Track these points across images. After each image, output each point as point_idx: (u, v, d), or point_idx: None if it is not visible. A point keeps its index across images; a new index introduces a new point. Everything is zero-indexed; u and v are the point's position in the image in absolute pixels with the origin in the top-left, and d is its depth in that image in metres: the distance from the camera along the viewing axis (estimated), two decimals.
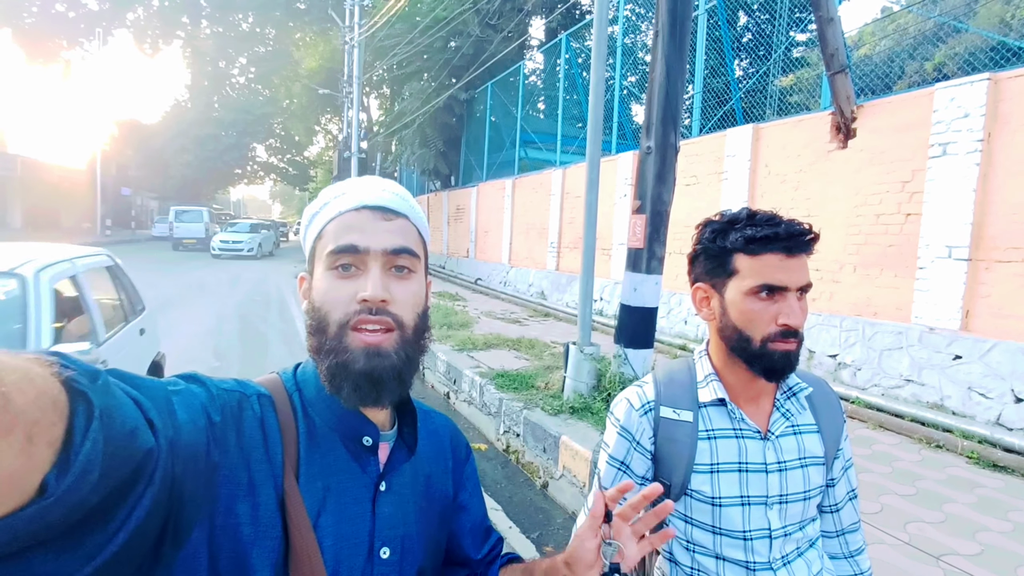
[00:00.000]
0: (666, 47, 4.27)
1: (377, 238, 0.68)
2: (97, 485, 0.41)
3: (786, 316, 0.94)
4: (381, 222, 0.69)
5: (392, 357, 0.66)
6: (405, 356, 0.67)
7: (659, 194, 4.36)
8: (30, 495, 0.38)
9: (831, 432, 1.08)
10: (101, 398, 0.43)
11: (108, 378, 0.47)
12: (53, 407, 0.39)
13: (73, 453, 0.40)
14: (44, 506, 0.38)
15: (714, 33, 8.93)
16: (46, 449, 0.38)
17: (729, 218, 1.02)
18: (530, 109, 16.04)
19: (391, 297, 0.66)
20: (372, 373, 0.65)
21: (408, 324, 0.68)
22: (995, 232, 4.60)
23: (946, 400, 4.71)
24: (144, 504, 0.47)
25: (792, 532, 1.03)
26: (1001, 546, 2.82)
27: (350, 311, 0.66)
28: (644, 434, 1.06)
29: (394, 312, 0.67)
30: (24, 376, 0.37)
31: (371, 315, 0.65)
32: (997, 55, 5.46)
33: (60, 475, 0.39)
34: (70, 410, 0.41)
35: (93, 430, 0.41)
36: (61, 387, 0.40)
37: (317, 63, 28.78)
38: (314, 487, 0.66)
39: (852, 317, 5.68)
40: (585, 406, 4.43)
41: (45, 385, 0.39)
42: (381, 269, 0.67)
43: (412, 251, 0.70)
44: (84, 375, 0.43)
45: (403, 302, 0.68)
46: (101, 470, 0.41)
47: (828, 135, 6.00)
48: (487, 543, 0.88)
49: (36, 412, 0.37)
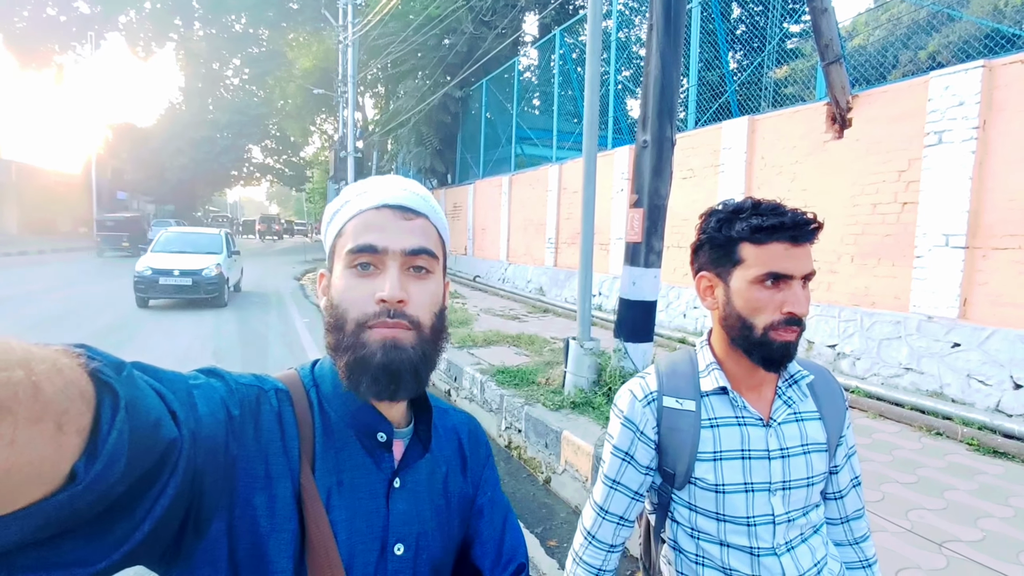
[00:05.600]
0: (660, 41, 4.27)
1: (396, 238, 0.68)
2: (124, 474, 0.42)
3: (791, 304, 0.95)
4: (401, 221, 0.69)
5: (409, 351, 0.66)
6: (422, 353, 0.68)
7: (656, 188, 4.36)
8: (60, 482, 0.39)
9: (833, 419, 1.09)
10: (126, 389, 0.44)
11: (132, 370, 0.48)
12: (81, 397, 0.40)
13: (101, 442, 0.41)
14: (74, 493, 0.39)
15: (708, 26, 8.93)
16: (75, 437, 0.39)
17: (734, 207, 1.02)
18: (525, 105, 16.04)
19: (408, 297, 0.67)
20: (390, 366, 0.65)
21: (425, 324, 0.68)
22: (992, 220, 4.61)
23: (945, 388, 4.73)
24: (168, 493, 0.48)
25: (796, 518, 1.03)
26: (1002, 532, 2.83)
27: (368, 312, 0.66)
28: (648, 424, 1.07)
29: (411, 313, 0.67)
30: (53, 366, 0.38)
31: (389, 317, 0.66)
32: (991, 42, 5.47)
33: (89, 463, 0.40)
34: (97, 400, 0.42)
35: (119, 420, 0.42)
36: (88, 378, 0.42)
37: (311, 63, 28.69)
38: (328, 481, 0.66)
39: (850, 307, 5.70)
40: (586, 401, 4.44)
41: (73, 375, 0.40)
42: (399, 269, 0.67)
43: (431, 251, 0.70)
44: (109, 367, 0.44)
45: (420, 303, 0.68)
46: (127, 459, 0.42)
47: (824, 126, 6.00)
48: (508, 567, 0.81)
49: (65, 401, 0.38)
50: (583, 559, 1.14)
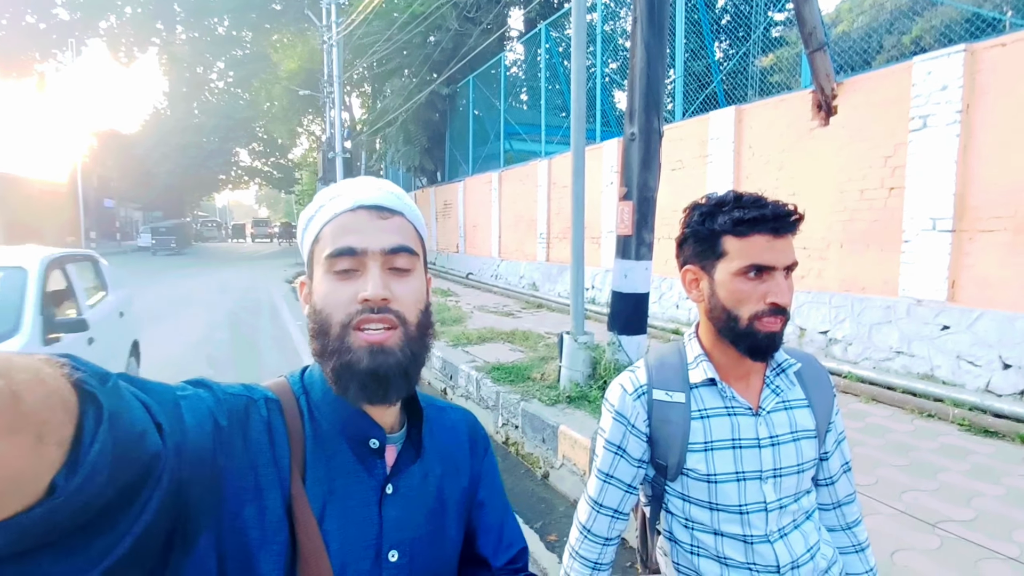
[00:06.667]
0: (645, 33, 4.27)
1: (375, 238, 0.67)
2: (105, 486, 0.42)
3: (774, 295, 0.97)
4: (378, 221, 0.69)
5: (397, 354, 0.66)
6: (410, 353, 0.67)
7: (645, 180, 4.37)
8: (39, 495, 0.38)
9: (821, 406, 1.10)
10: (110, 400, 0.43)
11: (118, 381, 0.47)
12: (63, 407, 0.39)
13: (82, 454, 0.40)
14: (53, 506, 0.38)
15: (693, 16, 8.93)
16: (55, 449, 0.39)
17: (716, 201, 1.03)
18: (513, 101, 16.01)
19: (392, 295, 0.66)
20: (378, 371, 0.65)
21: (411, 321, 0.68)
22: (977, 203, 4.65)
23: (936, 370, 4.78)
24: (151, 507, 0.47)
25: (787, 505, 1.05)
26: (995, 511, 2.87)
27: (352, 311, 0.65)
28: (639, 417, 1.08)
29: (396, 309, 0.67)
30: (35, 376, 0.38)
31: (373, 314, 0.65)
32: (972, 27, 5.50)
33: (69, 475, 0.39)
34: (79, 411, 0.41)
35: (102, 431, 0.41)
36: (71, 388, 0.41)
37: (296, 64, 28.48)
38: (320, 490, 0.66)
39: (841, 293, 5.74)
40: (582, 395, 4.46)
41: (55, 385, 0.39)
42: (380, 268, 0.67)
43: (411, 249, 0.70)
44: (94, 377, 0.44)
45: (404, 300, 0.68)
46: (109, 471, 0.42)
47: (810, 114, 6.03)
48: (509, 550, 0.85)
49: (46, 412, 0.38)
50: (579, 553, 1.15)
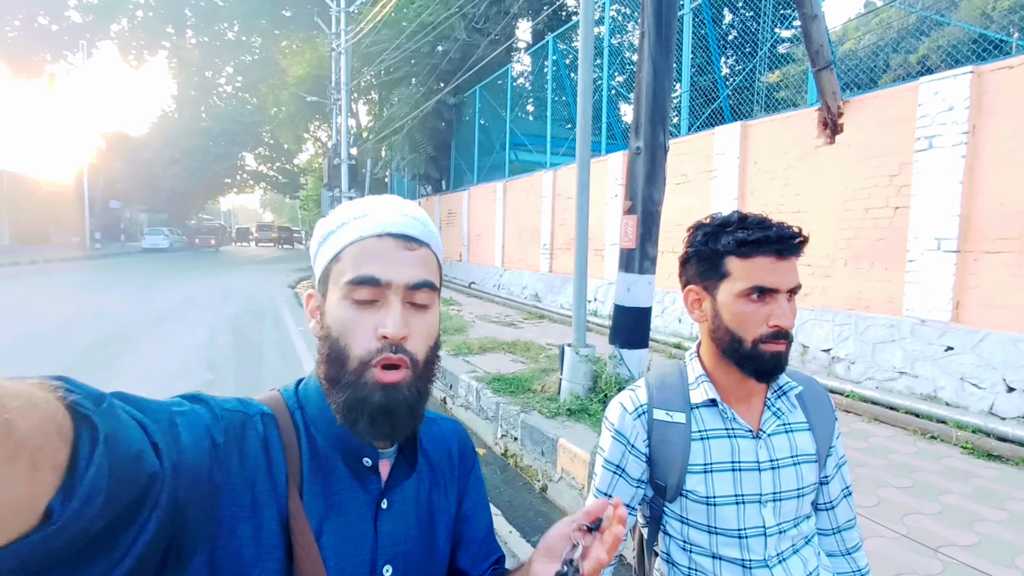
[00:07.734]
0: (652, 47, 4.29)
1: (399, 271, 0.67)
2: (102, 510, 0.41)
3: (777, 317, 0.96)
4: (404, 252, 0.68)
5: (405, 392, 0.66)
6: (417, 391, 0.68)
7: (650, 194, 4.37)
8: (35, 521, 0.38)
9: (822, 430, 1.09)
10: (106, 422, 0.43)
11: (113, 401, 0.47)
12: (57, 432, 0.39)
13: (78, 478, 0.39)
14: (49, 532, 0.38)
15: (700, 31, 8.98)
16: (51, 475, 0.38)
17: (720, 221, 1.02)
18: (519, 111, 16.07)
19: (409, 332, 0.67)
20: (388, 406, 0.65)
21: (420, 360, 0.68)
22: (983, 223, 4.64)
23: (939, 391, 4.75)
24: (150, 528, 0.47)
25: (787, 529, 1.03)
26: (998, 536, 2.84)
27: (372, 348, 0.65)
28: (638, 437, 1.07)
29: (410, 349, 0.67)
30: (28, 402, 0.37)
31: (392, 353, 0.65)
32: (979, 48, 5.52)
33: (65, 501, 0.39)
34: (74, 435, 0.40)
35: (98, 455, 0.41)
36: (65, 411, 0.40)
37: (304, 70, 28.73)
38: (317, 506, 0.66)
39: (844, 311, 5.72)
40: (582, 408, 4.43)
41: (49, 410, 0.39)
42: (401, 303, 0.67)
43: (432, 284, 0.70)
44: (88, 399, 0.43)
45: (418, 336, 0.68)
46: (106, 494, 0.41)
47: (815, 131, 6.04)
48: (487, 559, 0.86)
49: (40, 438, 0.37)
50: None
